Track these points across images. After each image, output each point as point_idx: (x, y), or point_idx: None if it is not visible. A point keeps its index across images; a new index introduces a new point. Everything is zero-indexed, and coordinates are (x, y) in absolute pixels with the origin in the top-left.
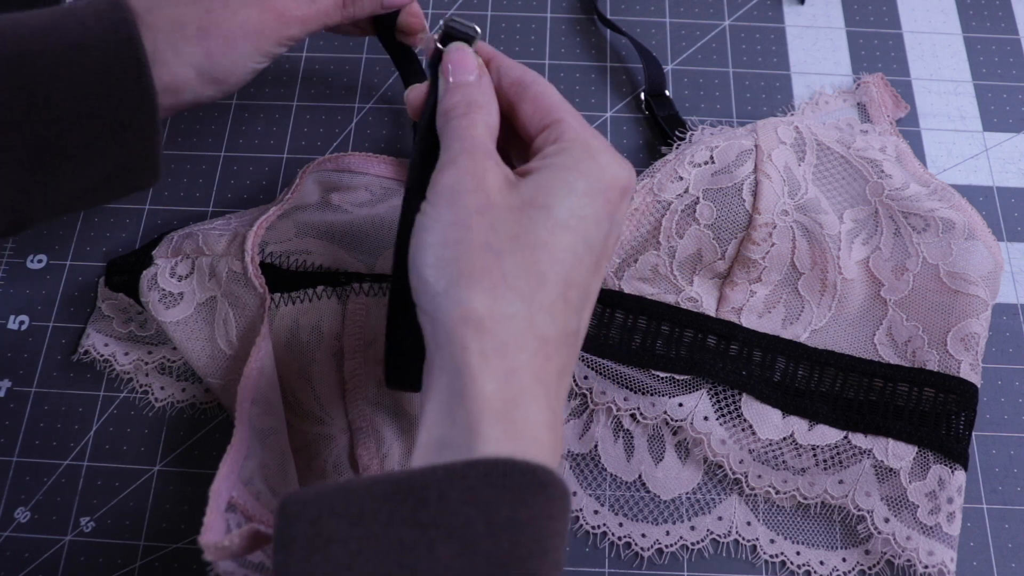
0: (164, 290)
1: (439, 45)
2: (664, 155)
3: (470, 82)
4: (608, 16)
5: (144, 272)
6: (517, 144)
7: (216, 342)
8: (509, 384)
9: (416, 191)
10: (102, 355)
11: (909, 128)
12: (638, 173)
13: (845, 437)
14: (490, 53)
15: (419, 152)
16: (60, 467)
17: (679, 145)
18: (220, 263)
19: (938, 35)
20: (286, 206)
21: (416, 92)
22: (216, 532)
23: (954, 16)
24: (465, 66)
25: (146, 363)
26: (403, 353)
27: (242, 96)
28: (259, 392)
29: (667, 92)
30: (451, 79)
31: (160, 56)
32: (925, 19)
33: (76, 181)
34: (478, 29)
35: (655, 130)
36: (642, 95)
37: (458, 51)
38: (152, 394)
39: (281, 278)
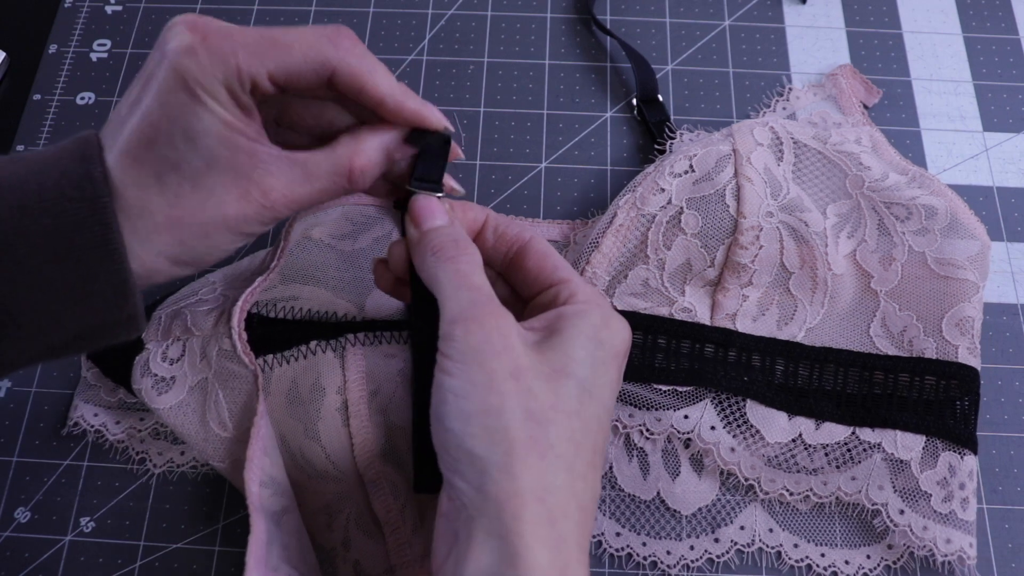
0: (156, 375)
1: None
2: (646, 169)
3: (444, 225)
4: (607, 16)
5: (137, 358)
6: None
7: (209, 425)
8: (560, 553)
9: (426, 340)
10: (92, 426)
11: (909, 128)
12: (635, 175)
13: (853, 433)
14: (480, 212)
15: (417, 303)
16: (60, 467)
17: (659, 156)
18: (210, 342)
19: (938, 35)
20: (273, 274)
21: (399, 248)
22: None
23: (954, 16)
24: (433, 212)
25: (139, 430)
26: (431, 462)
27: None
28: (265, 473)
29: (659, 97)
30: (424, 226)
31: (127, 244)
32: (925, 19)
33: (32, 345)
34: (442, 188)
35: (647, 136)
36: (634, 101)
37: (423, 199)
38: (150, 460)
39: (271, 331)
